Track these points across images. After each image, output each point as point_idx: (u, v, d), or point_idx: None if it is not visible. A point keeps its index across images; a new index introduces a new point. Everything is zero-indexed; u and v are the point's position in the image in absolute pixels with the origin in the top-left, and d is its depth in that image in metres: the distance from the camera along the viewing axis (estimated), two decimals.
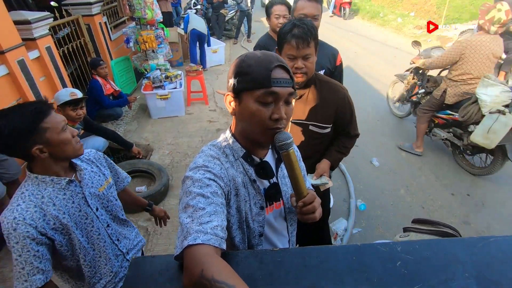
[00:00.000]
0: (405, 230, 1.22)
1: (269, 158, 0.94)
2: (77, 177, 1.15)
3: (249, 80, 0.77)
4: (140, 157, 3.18)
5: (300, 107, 1.46)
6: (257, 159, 0.90)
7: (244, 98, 0.80)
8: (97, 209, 1.18)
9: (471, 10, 8.92)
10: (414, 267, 0.73)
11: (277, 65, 0.77)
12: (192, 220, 0.71)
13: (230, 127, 0.92)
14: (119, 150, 3.57)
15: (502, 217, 2.76)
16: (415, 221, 1.26)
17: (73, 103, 2.45)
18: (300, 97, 1.45)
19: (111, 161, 1.36)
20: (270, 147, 0.95)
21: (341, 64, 1.95)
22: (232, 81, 0.82)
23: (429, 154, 3.69)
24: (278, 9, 2.41)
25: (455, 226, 2.83)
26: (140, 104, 4.77)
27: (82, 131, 2.90)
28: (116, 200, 1.31)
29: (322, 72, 1.87)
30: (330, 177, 1.58)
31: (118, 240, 1.28)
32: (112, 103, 3.90)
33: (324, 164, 1.52)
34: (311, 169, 1.52)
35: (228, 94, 0.84)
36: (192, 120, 4.42)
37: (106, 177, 1.28)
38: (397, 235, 1.21)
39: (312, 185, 1.42)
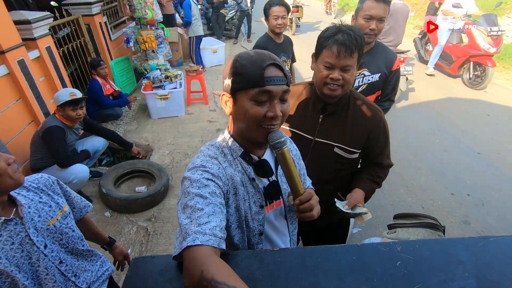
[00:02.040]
0: (390, 227, 1.23)
1: (268, 156, 0.94)
2: (18, 212, 1.00)
3: (243, 80, 0.78)
4: (140, 157, 3.18)
5: (328, 125, 1.29)
6: (256, 158, 0.90)
7: (239, 97, 0.80)
8: (45, 246, 1.03)
9: None
10: (414, 267, 0.73)
11: (270, 63, 0.78)
12: (191, 221, 0.71)
13: (228, 127, 0.93)
14: (119, 150, 3.57)
15: (502, 217, 2.76)
16: (396, 216, 1.27)
17: (73, 103, 2.46)
18: (331, 113, 1.29)
19: (67, 189, 1.22)
20: (268, 146, 0.95)
21: (398, 70, 1.88)
22: (227, 81, 0.82)
23: (429, 154, 3.69)
24: (277, 10, 2.41)
25: (455, 226, 2.84)
26: (140, 104, 4.77)
27: (82, 131, 2.90)
28: (74, 231, 1.15)
29: (377, 76, 1.81)
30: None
31: (75, 275, 1.14)
32: (112, 103, 3.90)
33: (358, 193, 1.32)
34: (329, 196, 1.32)
35: (224, 95, 0.85)
36: (192, 120, 4.42)
37: (60, 206, 1.12)
38: (383, 232, 1.21)
39: (348, 215, 1.28)
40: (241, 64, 0.79)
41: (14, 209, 1.01)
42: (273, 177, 0.94)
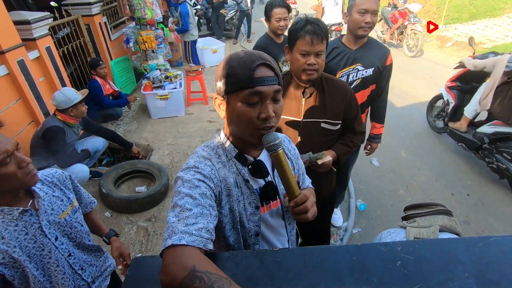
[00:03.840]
0: (407, 218, 1.24)
1: (264, 157, 0.93)
2: (34, 204, 1.04)
3: (233, 81, 0.77)
4: (140, 157, 3.19)
5: (311, 106, 1.47)
6: (251, 159, 0.90)
7: (231, 100, 0.80)
8: (56, 239, 1.08)
9: (471, 10, 8.92)
10: (414, 267, 0.73)
11: (259, 63, 0.76)
12: (178, 220, 0.71)
13: (224, 128, 0.92)
14: (119, 150, 3.56)
15: (502, 217, 2.76)
16: (407, 208, 1.29)
17: (82, 99, 2.57)
18: (310, 95, 1.46)
19: (77, 185, 1.27)
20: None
21: (391, 65, 1.93)
22: (218, 84, 0.82)
23: (429, 154, 3.69)
24: (279, 12, 2.42)
25: None
26: (140, 104, 4.77)
27: (82, 131, 2.90)
28: (82, 225, 1.20)
29: (371, 71, 1.87)
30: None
31: (82, 269, 1.18)
32: (112, 103, 3.90)
33: (328, 152, 1.53)
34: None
35: (217, 97, 0.84)
36: (192, 120, 4.42)
37: (71, 201, 1.17)
38: (404, 222, 1.22)
39: (311, 157, 1.46)
40: (231, 66, 0.78)
41: (31, 200, 1.04)
42: (269, 178, 0.93)
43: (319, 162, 1.45)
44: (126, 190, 2.99)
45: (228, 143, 0.89)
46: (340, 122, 1.51)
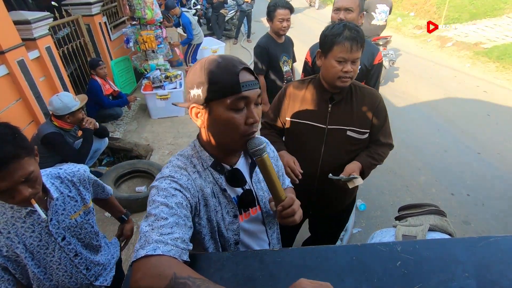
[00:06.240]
0: (399, 218, 1.25)
1: (241, 164, 0.91)
2: (46, 203, 1.05)
3: (217, 88, 0.74)
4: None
5: (337, 112, 1.40)
6: (227, 167, 0.88)
7: (214, 107, 0.76)
8: (63, 238, 1.09)
9: (471, 10, 8.93)
10: (414, 267, 0.73)
11: (242, 68, 0.75)
12: (152, 229, 0.67)
13: (198, 136, 0.90)
14: (119, 150, 3.57)
15: (502, 217, 2.76)
16: (401, 208, 1.30)
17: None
18: (338, 102, 1.40)
19: (97, 179, 1.30)
20: (243, 153, 0.93)
21: (379, 64, 1.90)
22: (195, 91, 0.77)
23: (429, 154, 3.69)
24: (282, 13, 2.42)
25: (455, 226, 2.84)
26: (140, 104, 4.77)
27: (80, 132, 2.90)
28: (93, 227, 1.21)
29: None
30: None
31: (87, 269, 1.19)
32: (112, 103, 3.91)
33: (354, 164, 1.43)
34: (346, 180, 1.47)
35: (194, 107, 0.80)
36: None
37: (85, 202, 1.17)
38: (396, 223, 1.23)
39: (341, 181, 1.37)
40: (211, 72, 0.74)
41: (45, 198, 1.05)
42: (247, 186, 0.91)
43: (350, 186, 1.37)
44: (126, 190, 2.99)
45: (203, 151, 0.86)
46: (368, 131, 1.43)
